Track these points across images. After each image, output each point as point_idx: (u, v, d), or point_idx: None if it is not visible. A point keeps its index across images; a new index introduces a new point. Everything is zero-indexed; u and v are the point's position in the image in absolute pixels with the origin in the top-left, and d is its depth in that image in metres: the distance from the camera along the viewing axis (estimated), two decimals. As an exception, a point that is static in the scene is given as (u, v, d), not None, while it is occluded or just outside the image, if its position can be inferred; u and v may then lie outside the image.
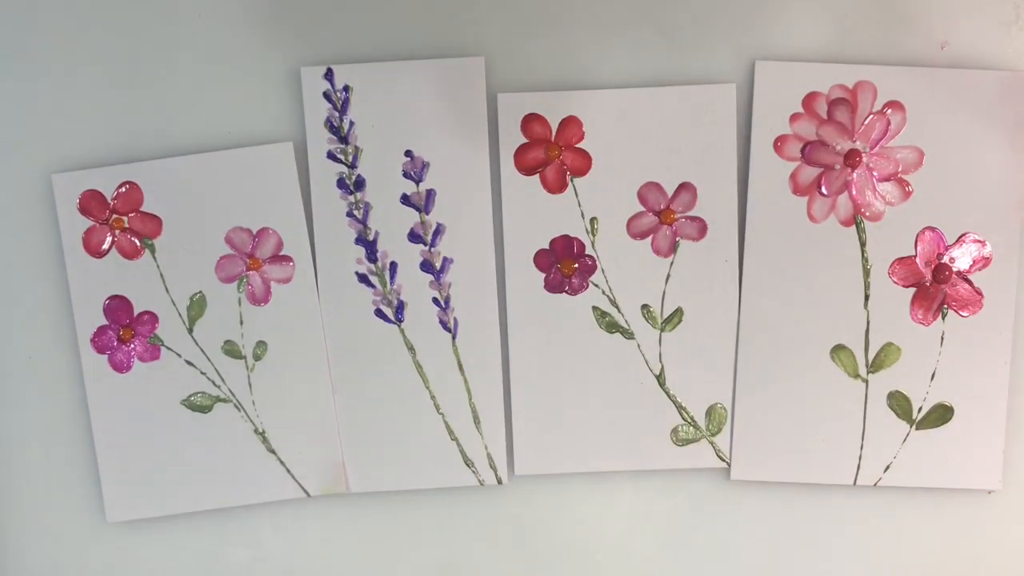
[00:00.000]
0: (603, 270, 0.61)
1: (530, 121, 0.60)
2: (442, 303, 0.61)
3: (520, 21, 0.60)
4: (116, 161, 0.61)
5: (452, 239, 0.61)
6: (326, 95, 0.60)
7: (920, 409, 0.61)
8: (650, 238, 0.61)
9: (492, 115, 0.60)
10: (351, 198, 0.61)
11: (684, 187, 0.60)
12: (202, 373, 0.62)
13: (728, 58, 0.60)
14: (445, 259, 0.61)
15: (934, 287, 0.60)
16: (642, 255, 0.61)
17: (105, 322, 0.62)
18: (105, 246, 0.61)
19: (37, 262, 0.62)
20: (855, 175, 0.60)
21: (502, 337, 0.62)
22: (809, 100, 0.59)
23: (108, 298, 0.61)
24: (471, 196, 0.61)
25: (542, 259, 0.61)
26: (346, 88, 0.60)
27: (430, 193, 0.61)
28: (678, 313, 0.61)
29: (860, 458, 0.61)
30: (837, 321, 0.60)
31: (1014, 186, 0.59)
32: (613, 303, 0.61)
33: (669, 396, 0.62)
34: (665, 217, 0.60)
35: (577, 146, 0.60)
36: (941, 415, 0.60)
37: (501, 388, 0.62)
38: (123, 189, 0.61)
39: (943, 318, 0.60)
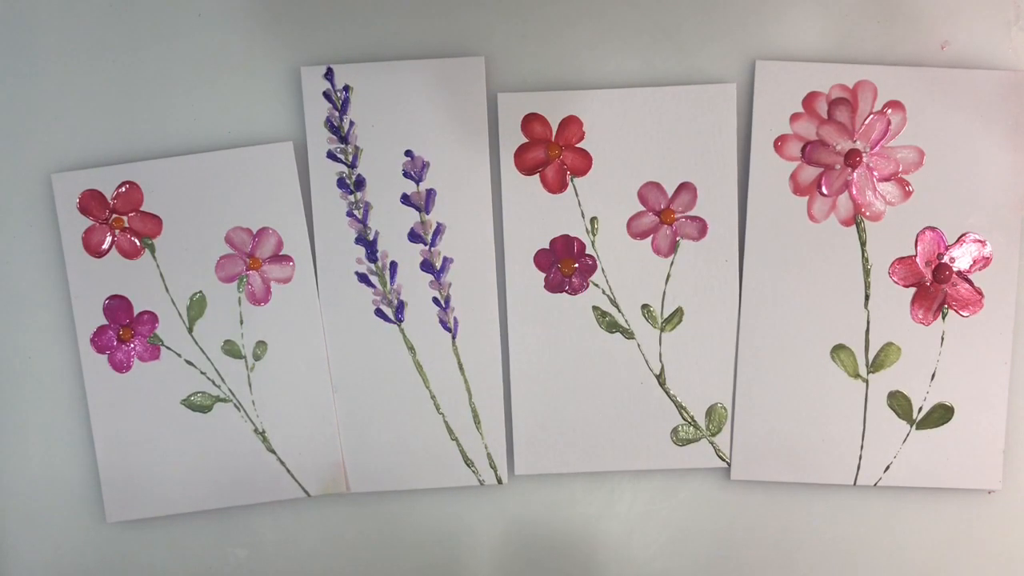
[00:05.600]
0: (603, 270, 0.61)
1: (530, 121, 0.60)
2: (442, 303, 0.61)
3: (520, 21, 0.60)
4: (116, 161, 0.61)
5: (452, 239, 0.61)
6: (326, 95, 0.60)
7: (920, 409, 0.61)
8: (650, 238, 0.61)
9: (492, 115, 0.60)
10: (351, 198, 0.61)
11: (684, 187, 0.60)
12: (202, 373, 0.62)
13: (728, 58, 0.60)
14: (445, 259, 0.61)
15: (934, 287, 0.60)
16: (642, 255, 0.61)
17: (105, 322, 0.62)
18: (105, 246, 0.61)
19: (37, 262, 0.62)
20: (855, 175, 0.60)
21: (502, 337, 0.62)
22: (809, 100, 0.59)
23: (108, 298, 0.61)
24: (471, 196, 0.61)
25: (542, 259, 0.61)
26: (346, 88, 0.60)
27: (430, 193, 0.61)
28: (678, 313, 0.61)
29: (860, 458, 0.61)
30: (837, 321, 0.60)
31: (1014, 186, 0.59)
32: (613, 303, 0.61)
33: (669, 396, 0.62)
34: (665, 217, 0.60)
35: (577, 146, 0.60)
36: (941, 415, 0.60)
37: (501, 388, 0.62)
38: (123, 189, 0.61)
39: (943, 318, 0.60)
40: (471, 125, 0.60)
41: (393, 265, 0.61)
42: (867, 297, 0.60)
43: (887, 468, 0.61)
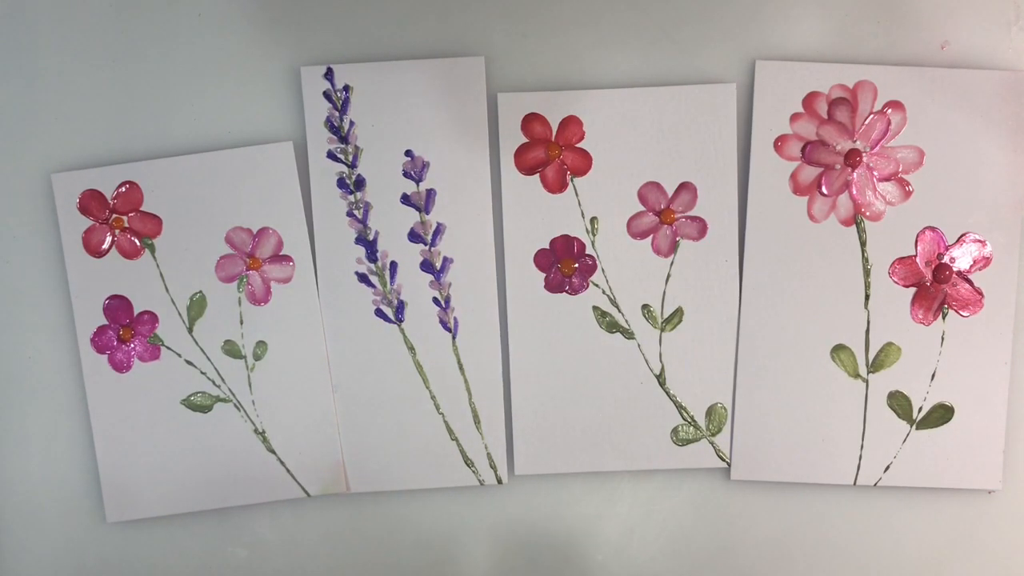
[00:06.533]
0: (603, 270, 0.61)
1: (530, 121, 0.60)
2: (442, 303, 0.61)
3: (520, 21, 0.60)
4: (116, 161, 0.61)
5: (452, 239, 0.61)
6: (326, 95, 0.60)
7: (920, 409, 0.61)
8: (650, 238, 0.61)
9: (492, 115, 0.60)
10: (351, 198, 0.61)
11: (684, 187, 0.60)
12: (202, 373, 0.62)
13: (728, 58, 0.60)
14: (445, 259, 0.61)
15: (934, 287, 0.60)
16: (642, 255, 0.61)
17: (105, 322, 0.62)
18: (105, 246, 0.61)
19: (37, 262, 0.62)
20: (855, 175, 0.60)
21: (502, 337, 0.62)
22: (809, 100, 0.59)
23: (108, 298, 0.61)
24: (471, 196, 0.61)
25: (542, 259, 0.61)
26: (346, 88, 0.60)
27: (430, 193, 0.61)
28: (678, 313, 0.61)
29: (860, 458, 0.61)
30: (837, 321, 0.60)
31: (1014, 186, 0.59)
32: (613, 303, 0.61)
33: (669, 396, 0.62)
34: (665, 217, 0.60)
35: (577, 146, 0.60)
36: (941, 415, 0.60)
37: (501, 388, 0.62)
38: (123, 189, 0.61)
39: (943, 318, 0.60)
40: (471, 125, 0.60)
41: (393, 265, 0.61)
42: (867, 297, 0.60)
43: (887, 468, 0.61)
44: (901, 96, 0.59)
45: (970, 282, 0.60)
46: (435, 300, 0.61)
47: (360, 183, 0.61)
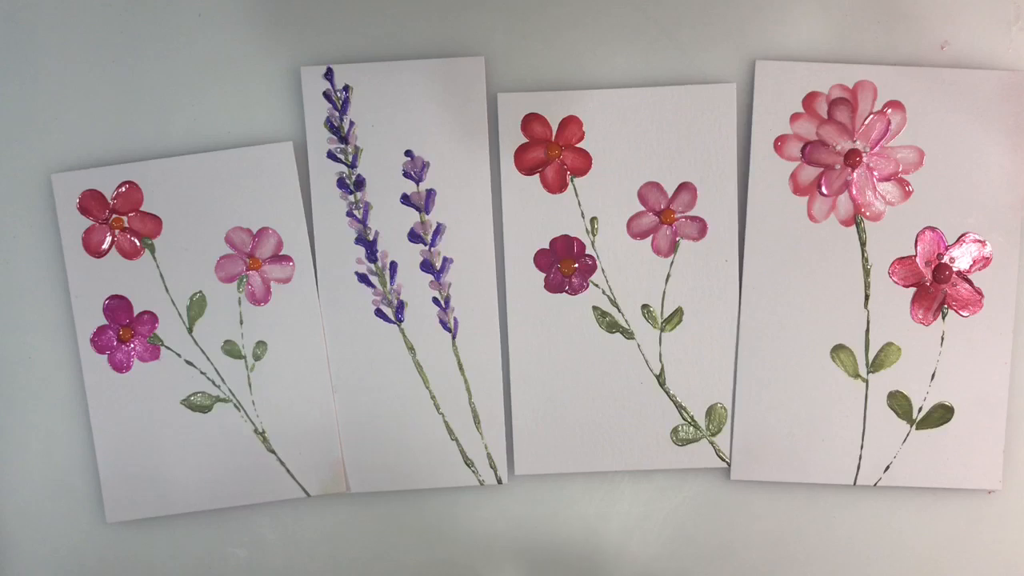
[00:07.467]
0: (603, 270, 0.61)
1: (530, 121, 0.60)
2: (442, 303, 0.61)
3: (520, 21, 0.60)
4: (116, 161, 0.61)
5: (452, 239, 0.61)
6: (326, 95, 0.60)
7: (920, 409, 0.61)
8: (650, 238, 0.61)
9: (492, 115, 0.60)
10: (351, 198, 0.61)
11: (684, 187, 0.60)
12: (202, 373, 0.62)
13: (728, 58, 0.60)
14: (445, 259, 0.61)
15: (934, 287, 0.60)
16: (642, 255, 0.61)
17: (105, 322, 0.62)
18: (105, 246, 0.61)
19: (37, 262, 0.62)
20: (855, 175, 0.60)
21: (502, 337, 0.62)
22: (809, 100, 0.59)
23: (108, 298, 0.61)
24: (471, 196, 0.61)
25: (542, 259, 0.61)
26: (346, 88, 0.60)
27: (430, 193, 0.61)
28: (678, 313, 0.61)
29: (860, 458, 0.61)
30: (837, 321, 0.60)
31: (1014, 186, 0.59)
32: (613, 303, 0.61)
33: (669, 396, 0.62)
34: (665, 217, 0.60)
35: (577, 146, 0.60)
36: (941, 415, 0.60)
37: (501, 388, 0.62)
38: (123, 189, 0.61)
39: (943, 318, 0.60)
40: (471, 125, 0.60)
41: (393, 265, 0.61)
42: (867, 297, 0.60)
43: (887, 468, 0.61)
44: (901, 96, 0.59)
45: (970, 282, 0.60)
46: (435, 300, 0.61)
47: (360, 183, 0.61)
